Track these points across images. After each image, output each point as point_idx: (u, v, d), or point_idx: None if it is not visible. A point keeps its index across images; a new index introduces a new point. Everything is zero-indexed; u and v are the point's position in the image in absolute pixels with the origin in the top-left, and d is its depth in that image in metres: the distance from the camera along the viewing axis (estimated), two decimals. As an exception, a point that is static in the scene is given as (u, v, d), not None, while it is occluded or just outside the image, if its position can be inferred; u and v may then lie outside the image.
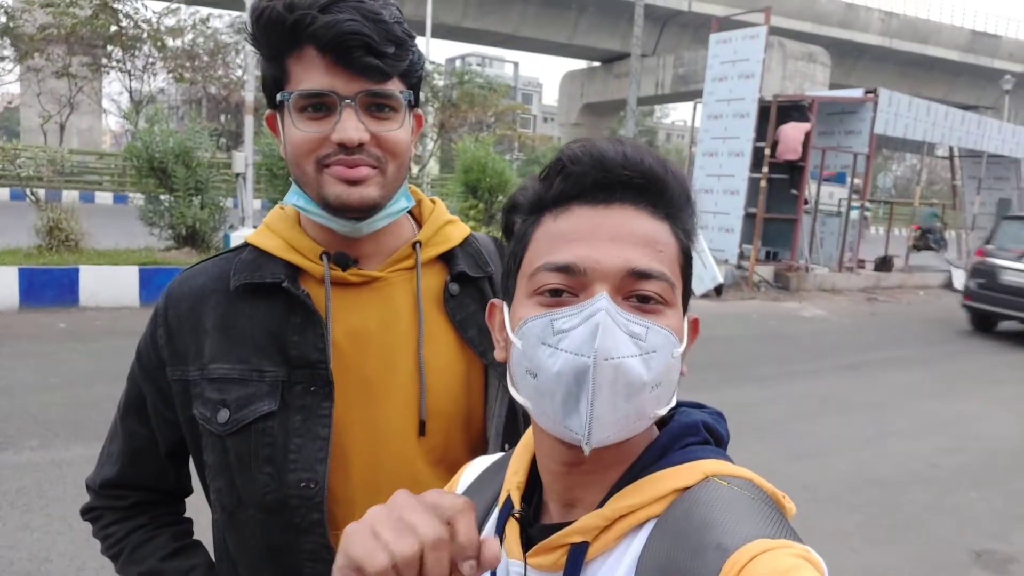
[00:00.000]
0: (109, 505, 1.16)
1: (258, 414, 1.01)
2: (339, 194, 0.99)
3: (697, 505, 0.66)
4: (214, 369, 1.03)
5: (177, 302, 1.07)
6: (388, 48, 0.96)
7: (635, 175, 0.70)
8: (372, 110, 0.98)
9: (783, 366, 8.14)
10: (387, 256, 1.09)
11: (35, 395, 5.23)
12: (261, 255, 1.06)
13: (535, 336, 0.68)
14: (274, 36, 0.97)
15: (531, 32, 34.09)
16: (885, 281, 15.56)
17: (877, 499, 4.61)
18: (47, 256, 8.71)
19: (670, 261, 0.71)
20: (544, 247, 0.71)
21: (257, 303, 1.04)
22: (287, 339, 1.02)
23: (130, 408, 1.13)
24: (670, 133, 79.73)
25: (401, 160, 1.02)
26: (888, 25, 38.24)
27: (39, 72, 19.72)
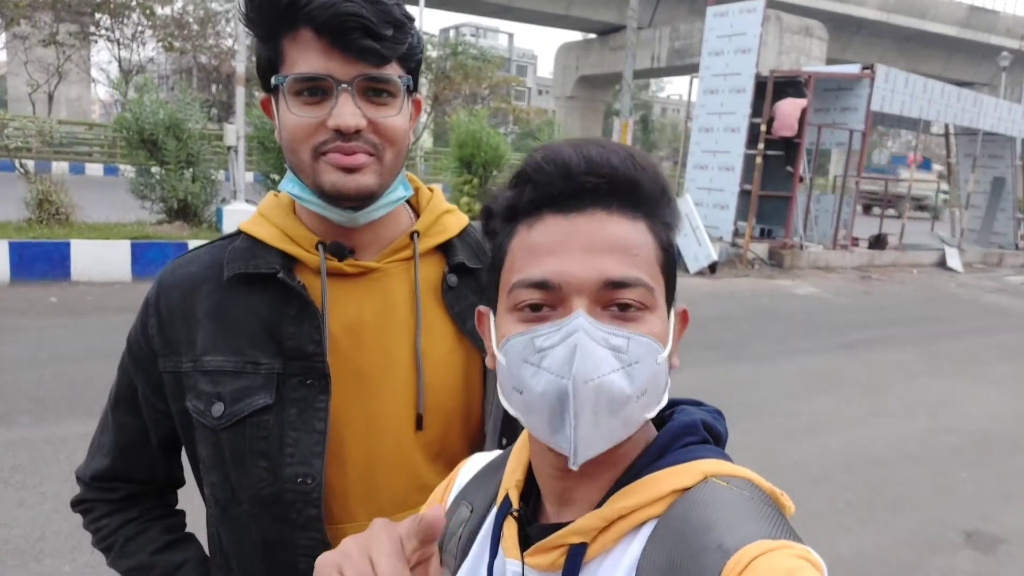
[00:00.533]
0: (100, 497, 1.14)
1: (253, 408, 0.99)
2: (335, 182, 0.96)
3: (697, 506, 0.66)
4: (208, 361, 1.00)
5: (168, 291, 1.05)
6: (387, 30, 0.93)
7: (602, 180, 0.68)
8: (370, 95, 0.96)
9: (776, 344, 8.17)
10: (384, 246, 1.07)
11: (27, 371, 5.20)
12: (255, 244, 1.04)
13: (518, 354, 0.68)
14: (269, 16, 0.94)
15: (526, 2, 33.67)
16: (879, 259, 15.61)
17: (869, 478, 4.65)
18: (37, 230, 8.63)
19: (647, 263, 0.69)
20: (520, 261, 0.70)
21: (251, 293, 1.02)
22: (282, 330, 1.00)
23: (121, 399, 1.11)
24: (666, 107, 79.31)
25: (399, 147, 1.00)
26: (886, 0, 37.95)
27: (25, 40, 19.45)
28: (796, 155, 13.62)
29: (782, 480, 3.89)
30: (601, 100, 41.10)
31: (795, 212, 14.16)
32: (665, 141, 60.24)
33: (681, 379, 3.22)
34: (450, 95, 24.15)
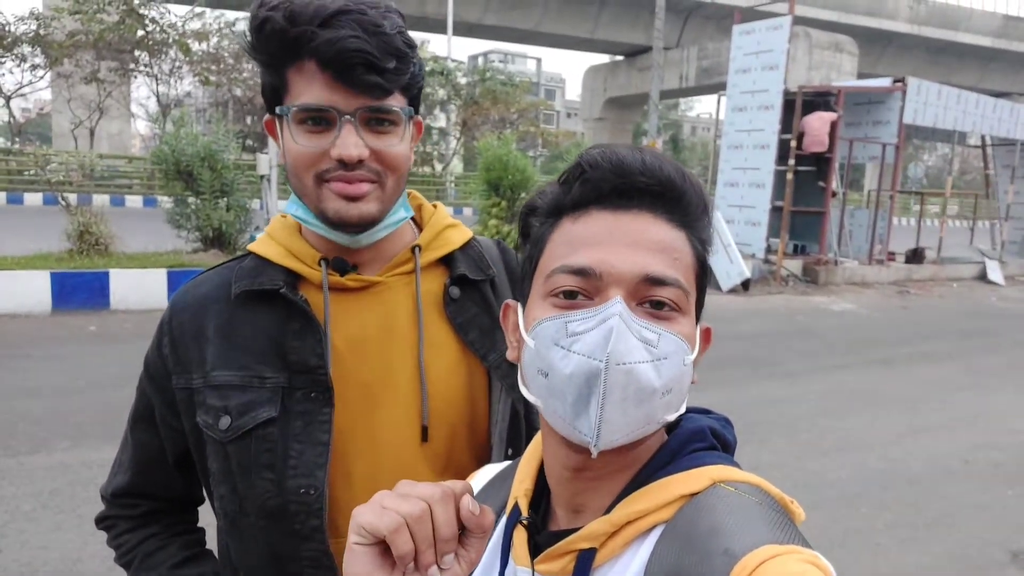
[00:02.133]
0: (121, 514, 1.17)
1: (258, 420, 1.01)
2: (338, 210, 0.99)
3: (704, 511, 0.67)
4: (216, 376, 1.03)
5: (180, 311, 1.08)
6: (389, 63, 0.95)
7: (653, 182, 0.71)
8: (372, 125, 0.98)
9: (811, 361, 8.04)
10: (386, 261, 1.09)
11: (66, 397, 5.32)
12: (261, 262, 1.07)
13: (549, 337, 0.69)
14: (274, 48, 0.97)
15: (553, 27, 33.99)
16: (916, 274, 15.30)
17: (908, 496, 4.52)
18: (78, 260, 8.86)
19: (685, 269, 0.71)
20: (561, 249, 0.72)
21: (257, 310, 1.04)
22: (286, 345, 1.03)
23: (139, 418, 1.14)
24: (695, 126, 79.11)
25: (400, 173, 1.03)
26: (917, 12, 37.54)
27: (69, 78, 20.12)
28: (828, 170, 13.47)
29: (818, 499, 3.83)
30: (629, 121, 41.16)
31: (829, 227, 13.97)
32: (695, 160, 60.02)
33: (715, 396, 3.24)
34: (479, 120, 24.36)
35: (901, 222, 30.74)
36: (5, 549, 3.39)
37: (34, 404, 5.22)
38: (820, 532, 3.97)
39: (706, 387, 6.68)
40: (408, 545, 0.64)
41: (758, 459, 4.88)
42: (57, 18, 19.25)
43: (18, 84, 21.33)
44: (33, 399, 5.31)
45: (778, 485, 0.71)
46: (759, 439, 5.35)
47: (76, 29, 18.84)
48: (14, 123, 23.31)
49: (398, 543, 0.64)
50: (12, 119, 22.84)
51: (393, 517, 0.64)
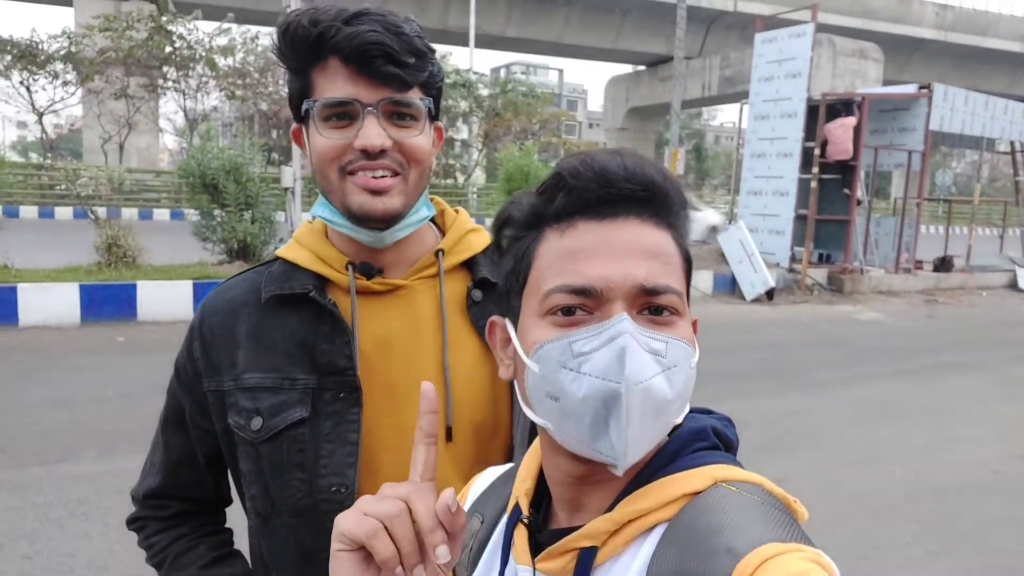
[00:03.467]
0: (152, 515, 1.20)
1: (290, 421, 1.04)
2: (362, 203, 1.02)
3: (706, 510, 0.66)
4: (247, 378, 1.06)
5: (211, 315, 1.11)
6: (408, 58, 0.99)
7: (639, 188, 0.70)
8: (393, 118, 1.01)
9: (837, 371, 7.94)
10: (411, 264, 1.12)
11: (93, 407, 5.41)
12: (290, 267, 1.10)
13: (554, 360, 0.68)
14: (300, 49, 1.01)
15: (575, 38, 34.07)
16: (945, 282, 15.06)
17: (937, 509, 4.45)
18: (106, 272, 9.01)
19: (676, 270, 0.71)
20: (553, 266, 0.70)
21: (287, 313, 1.07)
22: (316, 347, 1.05)
23: (169, 420, 1.17)
24: (719, 135, 78.75)
25: (422, 167, 1.05)
26: (943, 18, 37.12)
27: (99, 94, 20.53)
28: (852, 178, 13.33)
29: (844, 511, 3.78)
30: (652, 130, 41.08)
31: (854, 236, 13.82)
32: (719, 169, 59.70)
33: (739, 407, 3.22)
34: (500, 132, 24.45)
35: (929, 230, 30.31)
36: (34, 556, 3.45)
37: (63, 414, 5.31)
38: (846, 545, 3.91)
39: (730, 397, 6.64)
40: (388, 549, 0.65)
41: (783, 470, 4.82)
42: (88, 36, 19.67)
43: (50, 101, 21.85)
44: (62, 409, 5.41)
45: (803, 497, 0.71)
46: (784, 450, 5.29)
47: (106, 46, 19.23)
48: (46, 139, 23.79)
49: (379, 549, 0.64)
50: (44, 135, 23.31)
51: (371, 523, 0.65)
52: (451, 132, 27.57)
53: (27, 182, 22.27)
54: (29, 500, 3.98)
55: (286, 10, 15.07)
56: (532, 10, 32.11)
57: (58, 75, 20.78)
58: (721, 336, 9.39)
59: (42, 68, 20.39)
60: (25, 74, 20.43)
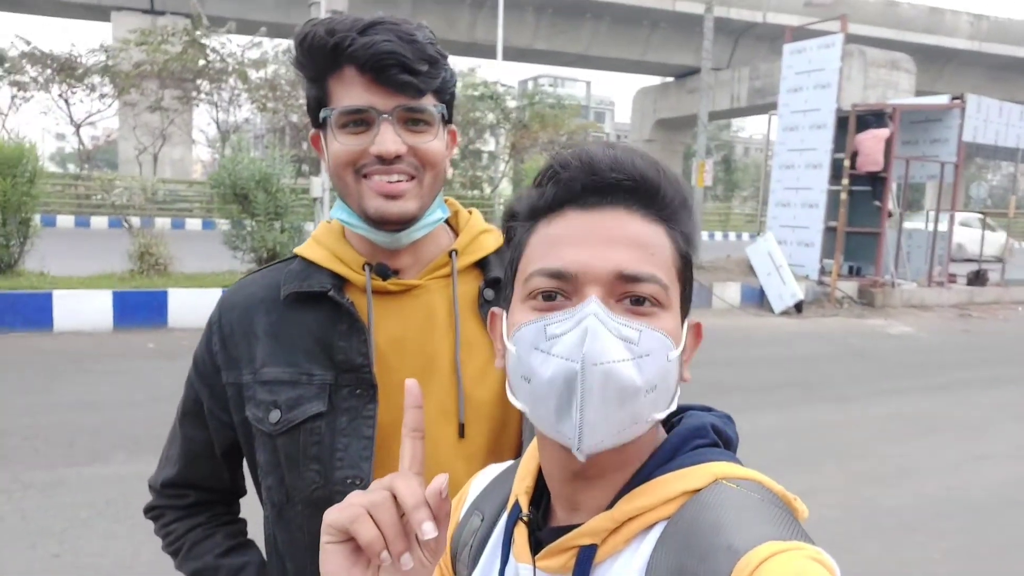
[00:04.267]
0: (169, 504, 1.23)
1: (307, 414, 1.07)
2: (378, 207, 1.05)
3: (707, 507, 0.66)
4: (266, 372, 1.09)
5: (230, 310, 1.15)
6: (422, 66, 1.02)
7: (624, 177, 0.70)
8: (408, 124, 1.05)
9: (867, 385, 7.81)
10: (425, 265, 1.15)
11: (123, 411, 5.50)
12: (309, 265, 1.13)
13: (528, 342, 0.68)
14: (316, 58, 1.04)
15: (602, 51, 34.11)
16: (979, 296, 14.76)
17: (968, 525, 4.35)
18: (139, 280, 9.18)
19: (663, 263, 0.70)
20: (538, 252, 0.71)
21: (305, 311, 1.10)
22: (334, 345, 1.08)
23: (187, 412, 1.19)
24: (748, 147, 78.22)
25: (436, 170, 1.08)
26: (977, 28, 36.57)
27: (134, 107, 20.98)
28: (883, 189, 13.16)
29: (872, 527, 3.71)
30: (680, 142, 40.91)
31: (885, 248, 13.62)
32: (748, 180, 59.22)
33: (767, 420, 3.19)
34: (528, 144, 24.52)
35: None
36: (63, 555, 3.51)
37: (93, 417, 5.40)
38: (874, 561, 3.84)
39: (758, 410, 6.56)
40: (371, 532, 0.65)
41: (811, 484, 4.75)
42: (125, 50, 20.14)
43: (88, 113, 22.37)
44: (92, 412, 5.51)
45: (830, 512, 0.71)
46: (812, 464, 5.22)
47: (142, 60, 19.68)
48: (83, 150, 24.35)
49: (361, 532, 0.65)
50: (82, 146, 23.87)
51: (354, 509, 0.66)
52: (478, 144, 27.70)
53: (64, 192, 22.78)
54: (59, 500, 4.06)
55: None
56: (560, 23, 32.23)
57: (95, 88, 21.30)
58: (749, 348, 9.30)
59: (80, 81, 20.92)
60: (64, 87, 20.97)
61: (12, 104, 21.37)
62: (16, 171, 8.80)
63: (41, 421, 5.28)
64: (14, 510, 3.93)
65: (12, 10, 29.50)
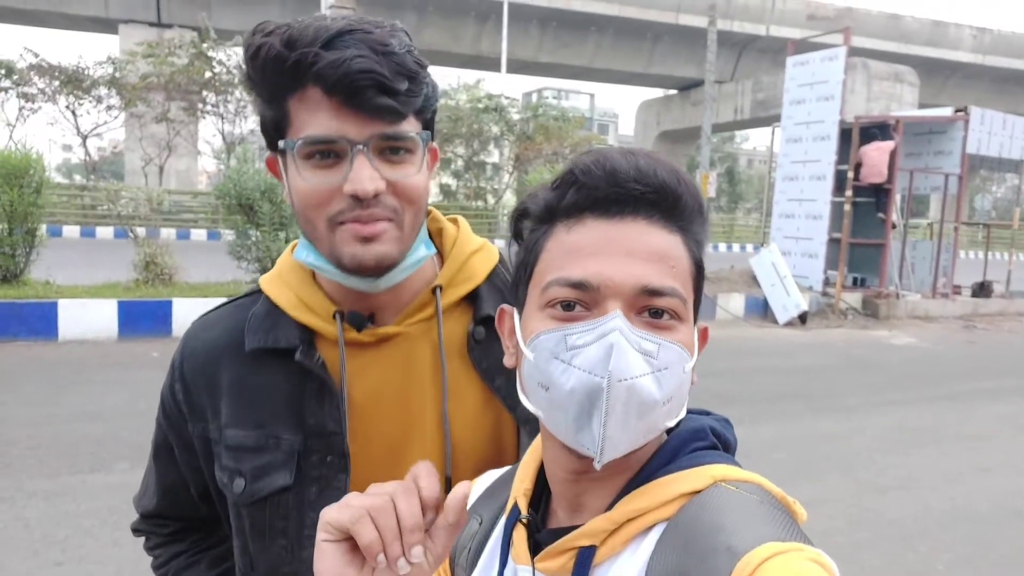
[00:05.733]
0: (151, 530, 1.19)
1: (273, 487, 0.98)
2: (354, 254, 0.90)
3: (706, 509, 0.66)
4: (230, 435, 1.00)
5: (192, 357, 1.04)
6: (401, 84, 0.86)
7: (648, 189, 0.70)
8: (387, 154, 0.90)
9: (871, 396, 7.78)
10: (406, 303, 1.01)
11: (126, 420, 5.51)
12: (274, 310, 1.01)
13: (548, 350, 0.69)
14: (273, 76, 0.88)
15: (606, 63, 34.25)
16: (984, 308, 14.72)
17: (971, 537, 4.32)
18: (143, 289, 9.21)
19: (683, 275, 0.71)
20: (557, 260, 0.71)
21: (272, 365, 0.99)
22: (304, 405, 0.98)
23: (159, 450, 1.12)
24: (752, 159, 78.30)
25: (418, 206, 0.94)
26: (981, 41, 36.65)
27: (141, 118, 21.10)
28: (887, 201, 13.16)
29: (875, 538, 3.69)
30: (683, 154, 40.99)
31: (889, 260, 13.61)
32: (752, 192, 59.26)
33: (770, 430, 3.18)
34: (531, 155, 24.58)
35: (968, 255, 29.71)
36: (66, 563, 3.52)
37: (97, 426, 5.41)
38: (877, 572, 3.82)
39: (761, 420, 6.55)
40: (372, 534, 0.66)
41: (814, 495, 4.73)
42: (131, 62, 20.29)
43: (94, 124, 22.47)
44: (96, 421, 5.52)
45: (834, 522, 0.72)
46: (815, 475, 5.20)
47: (148, 72, 19.81)
48: (89, 161, 24.48)
49: (362, 533, 0.66)
50: (88, 157, 23.99)
51: (356, 510, 0.67)
52: (482, 155, 27.76)
53: (70, 202, 22.88)
54: (62, 508, 4.06)
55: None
56: (564, 35, 32.39)
57: (102, 100, 21.41)
58: (753, 359, 9.28)
59: (87, 93, 21.04)
60: (71, 99, 21.09)
61: (20, 115, 21.51)
62: (23, 181, 8.84)
63: (45, 430, 5.29)
64: (17, 518, 3.93)
65: (21, 23, 29.78)
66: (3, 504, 4.08)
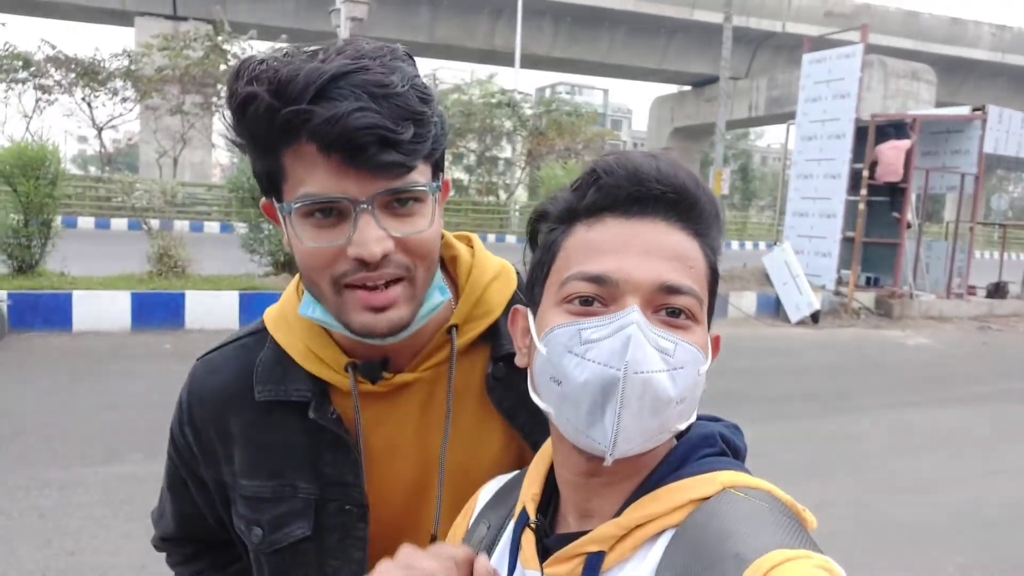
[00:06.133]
0: (171, 550, 1.19)
1: (292, 538, 0.96)
2: (365, 323, 0.85)
3: (714, 516, 0.66)
4: (246, 486, 0.98)
5: (199, 404, 1.01)
6: (406, 132, 0.78)
7: (668, 189, 0.71)
8: (394, 207, 0.82)
9: (883, 397, 7.73)
10: (420, 348, 0.97)
11: (140, 411, 5.55)
12: (284, 358, 0.96)
13: (562, 344, 0.69)
14: (264, 131, 0.80)
15: (620, 59, 34.13)
16: (999, 309, 14.59)
17: (983, 540, 4.29)
18: (157, 281, 9.27)
19: (699, 277, 0.71)
20: (576, 256, 0.72)
21: (286, 416, 0.96)
22: (320, 456, 0.96)
23: (173, 483, 1.10)
24: (766, 156, 77.86)
25: (431, 259, 0.88)
26: (1000, 39, 36.26)
27: (156, 111, 21.19)
28: (902, 200, 13.06)
29: (885, 541, 3.66)
30: (697, 151, 40.84)
31: (903, 259, 13.51)
32: (766, 190, 58.95)
33: (780, 430, 3.15)
34: (544, 151, 24.56)
35: (984, 255, 29.45)
36: (78, 553, 3.55)
37: (110, 417, 5.46)
38: (887, 575, 3.80)
39: (772, 420, 6.52)
40: None
41: (823, 496, 4.71)
42: (147, 54, 20.39)
43: (110, 116, 22.59)
44: (109, 412, 5.57)
45: (844, 524, 0.72)
46: (825, 476, 5.18)
47: (164, 65, 19.90)
48: (105, 153, 24.63)
49: None
50: (103, 149, 24.14)
51: (416, 572, 0.68)
52: (495, 151, 27.76)
53: (85, 194, 23.06)
54: (75, 499, 4.10)
55: (336, 30, 15.42)
56: (578, 31, 32.30)
57: (118, 92, 21.52)
58: (764, 358, 9.25)
59: (103, 85, 21.15)
60: (87, 91, 21.21)
61: (36, 107, 21.67)
62: (39, 173, 8.91)
63: (59, 421, 5.34)
64: (31, 508, 3.98)
65: (38, 15, 29.98)
66: (18, 494, 4.12)
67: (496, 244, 22.63)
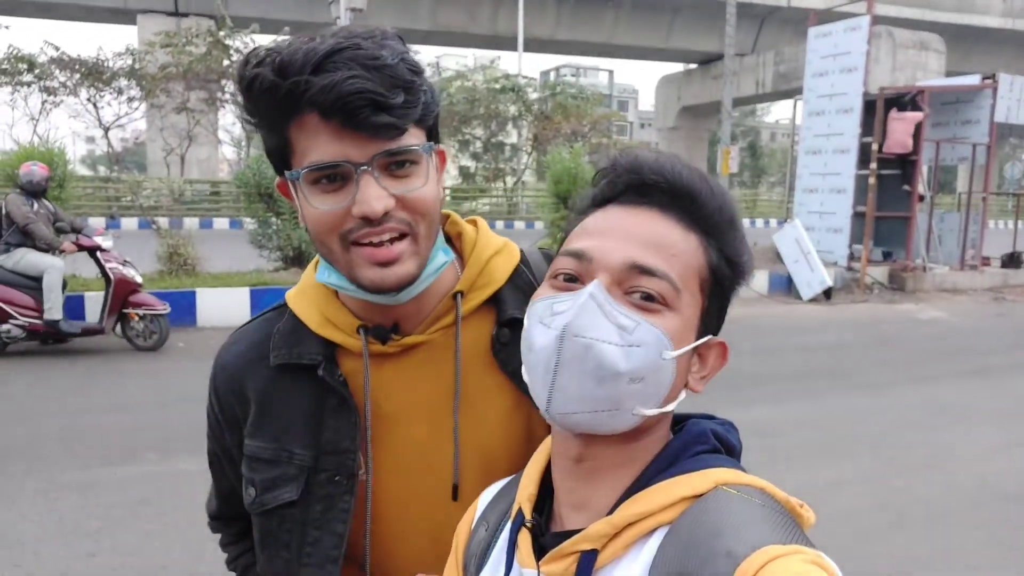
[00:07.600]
0: (220, 529, 1.24)
1: (279, 501, 1.01)
2: (373, 278, 0.92)
3: (707, 513, 0.67)
4: (249, 445, 1.04)
5: (221, 371, 1.09)
6: (396, 97, 0.86)
7: (660, 179, 0.73)
8: (392, 169, 0.90)
9: (898, 372, 7.69)
10: (430, 310, 1.02)
11: (155, 411, 5.60)
12: (299, 326, 1.03)
13: (536, 316, 0.73)
14: (269, 107, 0.89)
15: (625, 39, 33.84)
16: (1014, 279, 14.46)
17: (1003, 515, 4.27)
18: (168, 280, 9.32)
19: (683, 268, 0.72)
20: (570, 238, 0.77)
21: (296, 380, 1.02)
22: (323, 421, 1.01)
23: (212, 460, 1.17)
24: (774, 132, 77.24)
25: (432, 217, 0.95)
26: (1011, 5, 35.67)
27: (161, 109, 21.24)
28: (913, 173, 12.92)
29: (904, 517, 3.67)
30: (705, 129, 40.54)
31: (916, 232, 13.39)
32: (775, 166, 58.52)
33: (795, 409, 3.16)
34: (550, 134, 24.45)
35: (998, 225, 29.14)
36: (98, 554, 3.59)
37: (126, 417, 5.51)
38: (905, 551, 3.79)
39: (786, 399, 6.51)
40: None
41: (841, 474, 4.70)
42: (150, 52, 20.41)
43: (116, 116, 22.65)
44: (125, 413, 5.61)
45: (861, 501, 0.71)
46: (842, 453, 5.16)
47: (167, 62, 19.91)
48: (112, 152, 24.71)
49: None
50: (111, 149, 24.23)
51: None
52: (501, 136, 27.67)
53: (95, 195, 23.17)
54: (94, 500, 4.14)
55: (337, 22, 15.36)
56: (581, 12, 32.03)
57: (123, 91, 21.59)
58: (777, 337, 9.21)
59: (108, 85, 21.21)
60: (92, 91, 21.28)
61: (42, 109, 21.76)
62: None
63: (75, 422, 5.39)
64: (50, 510, 4.02)
65: (41, 16, 30.04)
66: (37, 496, 4.17)
67: (505, 231, 22.58)
